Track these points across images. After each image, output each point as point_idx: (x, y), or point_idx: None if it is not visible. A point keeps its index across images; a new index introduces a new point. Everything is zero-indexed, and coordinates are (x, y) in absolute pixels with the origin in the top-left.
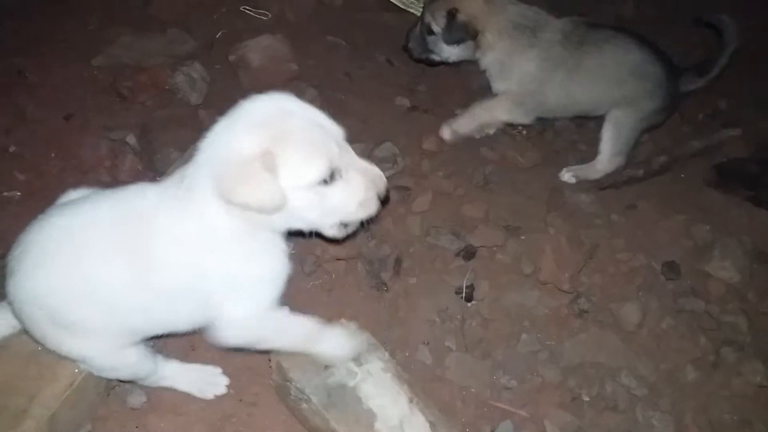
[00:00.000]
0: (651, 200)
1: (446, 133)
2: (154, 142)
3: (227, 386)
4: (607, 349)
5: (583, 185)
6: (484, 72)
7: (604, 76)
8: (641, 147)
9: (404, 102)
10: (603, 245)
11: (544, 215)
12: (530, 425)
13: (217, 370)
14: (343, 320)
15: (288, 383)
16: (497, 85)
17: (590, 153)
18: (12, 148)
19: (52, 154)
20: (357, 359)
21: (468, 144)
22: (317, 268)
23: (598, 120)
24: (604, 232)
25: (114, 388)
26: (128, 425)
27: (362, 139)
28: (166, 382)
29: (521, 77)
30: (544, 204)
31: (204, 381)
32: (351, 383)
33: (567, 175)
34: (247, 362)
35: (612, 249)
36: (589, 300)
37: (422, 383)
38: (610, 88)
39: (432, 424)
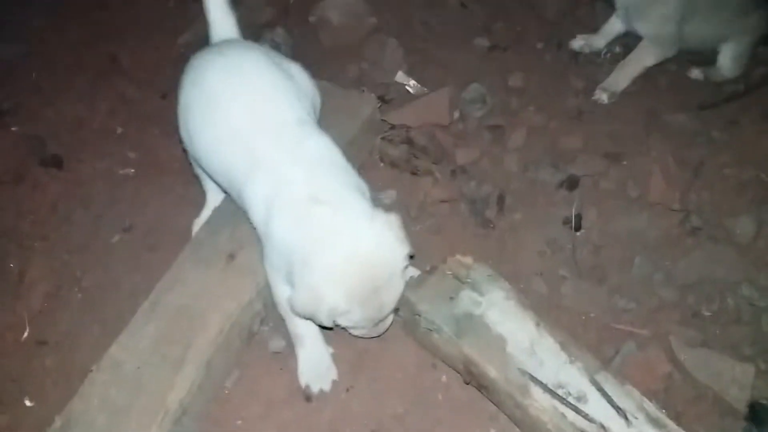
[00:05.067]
0: (752, 114)
1: (605, 97)
2: None
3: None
4: (723, 264)
5: (680, 106)
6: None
7: None
8: None
9: (483, 42)
10: (709, 162)
11: (644, 138)
12: (654, 343)
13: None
14: (458, 256)
15: (417, 316)
16: (640, 27)
17: (680, 73)
18: (119, 130)
19: (156, 131)
20: (478, 290)
21: (555, 75)
22: (422, 212)
23: None
24: (707, 149)
25: (255, 335)
26: (272, 368)
27: (447, 82)
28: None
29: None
30: (643, 128)
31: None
32: (477, 312)
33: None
34: None
35: (718, 165)
36: (700, 217)
37: (541, 312)
38: None
39: (562, 345)
